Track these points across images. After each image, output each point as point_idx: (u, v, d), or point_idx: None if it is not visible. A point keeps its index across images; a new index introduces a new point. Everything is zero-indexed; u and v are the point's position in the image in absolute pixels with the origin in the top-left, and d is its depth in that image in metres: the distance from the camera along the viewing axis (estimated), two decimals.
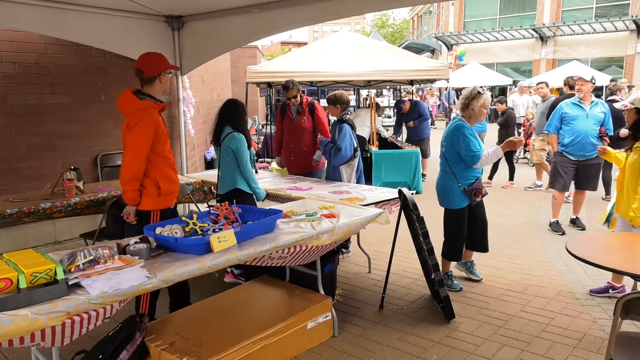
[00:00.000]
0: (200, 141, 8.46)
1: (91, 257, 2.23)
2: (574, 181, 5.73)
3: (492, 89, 21.13)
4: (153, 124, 3.10)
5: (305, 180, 4.94)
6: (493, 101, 11.53)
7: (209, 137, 4.43)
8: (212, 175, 4.97)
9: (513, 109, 9.36)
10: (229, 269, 4.27)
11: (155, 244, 2.69)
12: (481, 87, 4.02)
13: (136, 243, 2.57)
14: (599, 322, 3.52)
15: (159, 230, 2.71)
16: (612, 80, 9.66)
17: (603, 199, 7.14)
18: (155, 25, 5.09)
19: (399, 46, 17.40)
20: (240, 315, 3.19)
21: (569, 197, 6.48)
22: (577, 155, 5.54)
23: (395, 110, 10.81)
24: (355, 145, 4.81)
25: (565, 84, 6.61)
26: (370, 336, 3.37)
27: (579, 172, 5.61)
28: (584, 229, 5.80)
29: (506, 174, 8.58)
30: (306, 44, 30.23)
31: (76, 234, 4.77)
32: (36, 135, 5.31)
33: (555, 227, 5.78)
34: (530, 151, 8.97)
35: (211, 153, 8.95)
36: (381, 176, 7.77)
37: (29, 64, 5.23)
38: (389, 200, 4.03)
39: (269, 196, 4.36)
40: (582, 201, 5.93)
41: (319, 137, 4.95)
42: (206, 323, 3.05)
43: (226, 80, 12.13)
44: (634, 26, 20.38)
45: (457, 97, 23.37)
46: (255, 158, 4.69)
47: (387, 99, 18.60)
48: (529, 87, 12.50)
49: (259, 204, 4.03)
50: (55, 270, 2.05)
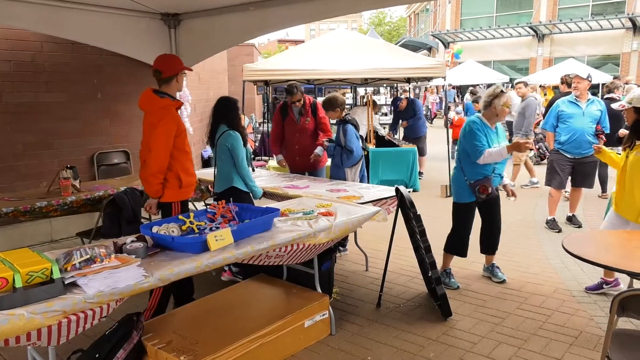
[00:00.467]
0: (197, 139, 8.45)
1: (87, 256, 2.22)
2: (570, 179, 5.75)
3: (488, 86, 21.11)
4: (175, 120, 3.34)
5: (302, 179, 4.93)
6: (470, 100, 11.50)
7: (205, 136, 4.44)
8: (208, 173, 4.96)
9: None
10: (226, 267, 4.27)
11: (152, 242, 2.68)
12: (504, 85, 4.07)
13: (133, 242, 2.56)
14: (595, 319, 3.53)
15: (155, 229, 2.70)
16: (616, 78, 9.68)
17: (599, 196, 7.16)
18: (151, 23, 5.07)
19: (396, 44, 17.37)
20: (238, 314, 3.19)
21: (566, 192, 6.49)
22: (573, 153, 5.55)
23: (392, 108, 10.82)
24: (362, 144, 4.84)
25: (563, 81, 6.62)
26: (368, 334, 3.37)
27: (575, 169, 5.63)
28: (580, 226, 5.82)
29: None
30: (303, 42, 30.20)
31: (72, 232, 4.76)
32: (32, 134, 5.30)
33: (552, 224, 5.79)
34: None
35: (208, 151, 8.94)
36: (378, 174, 7.77)
37: (25, 62, 5.21)
38: (386, 199, 4.04)
39: (266, 194, 4.36)
40: (579, 199, 5.95)
41: (324, 142, 4.95)
42: (203, 321, 3.05)
43: (223, 79, 12.12)
44: (630, 24, 20.43)
45: (457, 96, 23.43)
46: (253, 156, 4.69)
47: (384, 97, 18.61)
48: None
49: (255, 202, 4.03)
50: (52, 270, 2.04)
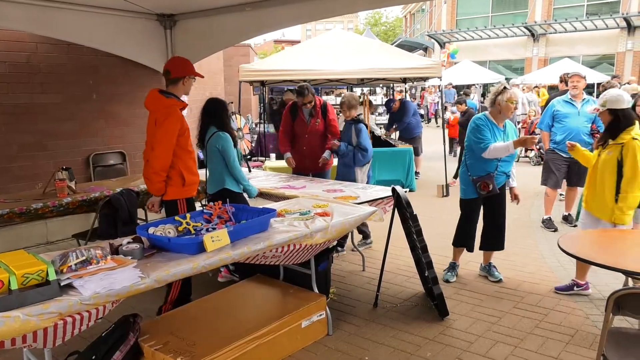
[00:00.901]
0: (193, 140, 8.42)
1: (83, 258, 2.21)
2: (565, 178, 5.76)
3: (484, 86, 21.17)
4: (179, 120, 3.43)
5: (298, 179, 4.93)
6: (453, 102, 11.50)
7: (195, 137, 4.43)
8: (201, 174, 4.95)
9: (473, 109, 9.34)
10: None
11: (148, 243, 2.68)
12: (507, 82, 4.14)
13: (129, 243, 2.56)
14: (591, 318, 3.55)
15: (151, 230, 2.70)
16: (615, 77, 9.72)
17: None
18: (147, 23, 5.06)
19: (392, 44, 17.39)
20: (235, 315, 3.19)
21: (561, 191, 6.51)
22: (569, 153, 5.56)
23: (386, 109, 10.83)
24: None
25: (561, 80, 6.65)
26: (365, 334, 3.37)
27: (570, 169, 5.64)
28: (576, 225, 5.84)
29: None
30: (299, 42, 30.09)
31: (68, 234, 4.74)
32: (27, 135, 5.27)
33: (548, 223, 5.81)
34: None
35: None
36: (375, 174, 7.77)
37: (20, 63, 5.18)
38: (382, 199, 4.04)
39: (263, 195, 4.35)
40: (574, 198, 5.96)
41: (337, 143, 4.95)
42: (200, 322, 3.04)
43: (219, 79, 12.08)
44: (624, 24, 20.50)
45: (457, 95, 23.46)
46: (249, 157, 4.68)
47: (380, 97, 18.62)
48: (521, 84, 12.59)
49: (252, 203, 4.03)
50: (47, 271, 2.03)
